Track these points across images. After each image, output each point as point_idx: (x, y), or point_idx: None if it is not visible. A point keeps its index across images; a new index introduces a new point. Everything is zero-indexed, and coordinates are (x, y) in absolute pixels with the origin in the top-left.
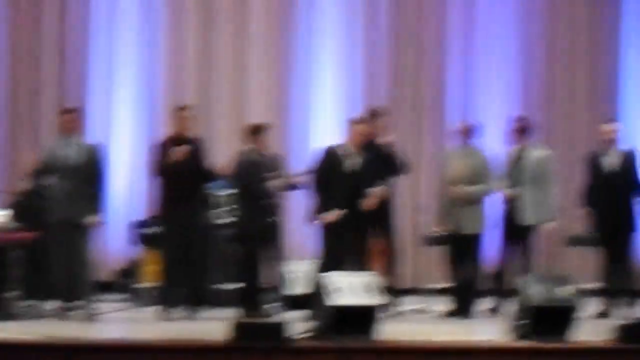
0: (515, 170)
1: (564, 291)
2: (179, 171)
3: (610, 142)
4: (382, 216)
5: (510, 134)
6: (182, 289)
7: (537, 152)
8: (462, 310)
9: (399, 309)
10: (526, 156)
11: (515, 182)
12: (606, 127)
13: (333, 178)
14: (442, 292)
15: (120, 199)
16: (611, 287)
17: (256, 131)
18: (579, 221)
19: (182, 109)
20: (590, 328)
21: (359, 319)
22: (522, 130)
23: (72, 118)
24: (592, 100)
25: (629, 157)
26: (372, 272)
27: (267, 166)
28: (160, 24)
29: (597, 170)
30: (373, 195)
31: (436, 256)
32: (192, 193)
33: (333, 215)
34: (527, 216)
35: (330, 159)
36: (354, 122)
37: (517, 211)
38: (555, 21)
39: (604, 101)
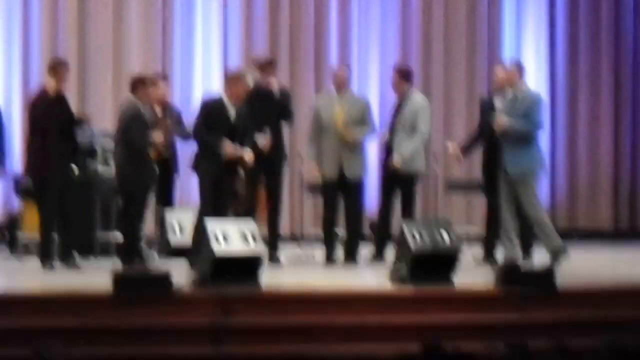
0: (395, 118)
1: (444, 236)
2: (51, 127)
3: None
4: (267, 164)
5: (393, 83)
6: (60, 240)
7: (414, 101)
8: (347, 257)
9: (281, 256)
10: (405, 104)
11: (394, 130)
12: (499, 70)
13: (216, 128)
14: (321, 239)
15: None
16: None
17: (139, 83)
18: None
19: (58, 64)
20: (471, 273)
21: (241, 267)
22: (402, 78)
23: None
24: (471, 47)
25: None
26: (254, 220)
27: (152, 120)
28: None
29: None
30: (263, 142)
31: (316, 203)
32: (64, 147)
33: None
34: (402, 164)
35: (210, 111)
36: (235, 77)
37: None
38: None
39: (483, 48)
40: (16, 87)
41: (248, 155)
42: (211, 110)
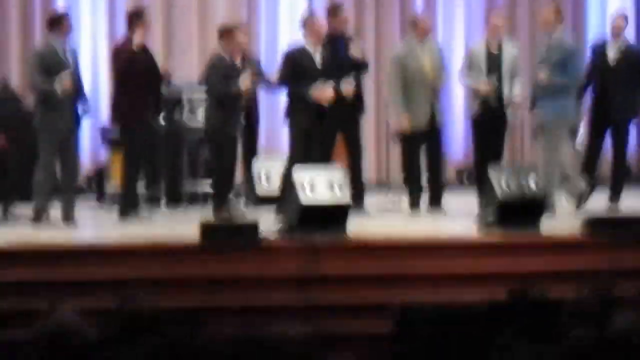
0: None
1: (532, 183)
2: (135, 77)
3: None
4: (349, 113)
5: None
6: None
7: (511, 49)
8: (433, 203)
9: (367, 204)
10: (502, 53)
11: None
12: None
13: (302, 77)
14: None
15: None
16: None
17: (225, 33)
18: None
19: (140, 15)
20: (560, 219)
21: (328, 216)
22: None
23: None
24: None
25: None
26: (340, 168)
27: (236, 69)
28: None
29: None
30: (346, 89)
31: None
32: (149, 97)
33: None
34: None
35: (295, 61)
36: (309, 19)
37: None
38: None
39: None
40: (102, 38)
41: (347, 87)
42: (296, 59)
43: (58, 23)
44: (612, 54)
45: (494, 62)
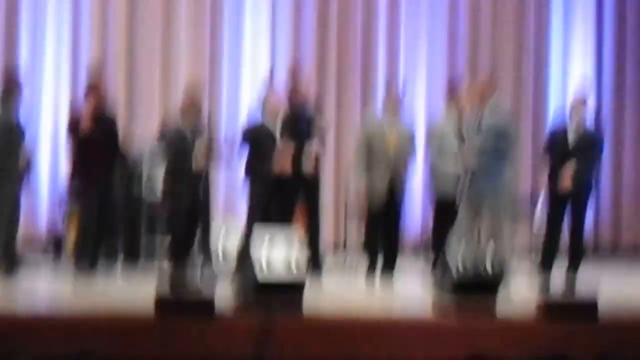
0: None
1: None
2: (94, 146)
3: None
4: (308, 178)
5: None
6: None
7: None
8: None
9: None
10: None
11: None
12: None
13: (262, 152)
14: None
15: (45, 161)
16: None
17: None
18: None
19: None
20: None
21: (285, 291)
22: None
23: None
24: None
25: None
26: (296, 229)
27: (192, 140)
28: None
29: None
30: (308, 155)
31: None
32: (107, 167)
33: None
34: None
35: (254, 139)
36: (268, 96)
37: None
38: None
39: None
40: (64, 92)
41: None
42: (257, 138)
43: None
44: (570, 136)
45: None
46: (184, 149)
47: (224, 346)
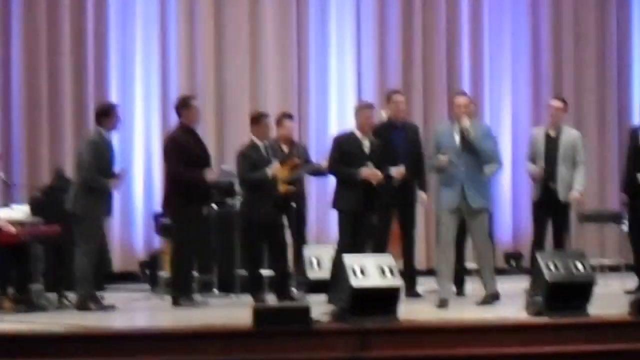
0: (552, 150)
1: (580, 267)
2: (193, 164)
3: None
4: (400, 197)
5: (555, 113)
6: (194, 277)
7: (570, 133)
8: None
9: (418, 289)
10: (560, 137)
11: (551, 162)
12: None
13: (352, 162)
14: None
15: (139, 192)
16: None
17: (255, 120)
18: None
19: (189, 98)
20: (607, 303)
21: (379, 300)
22: (564, 109)
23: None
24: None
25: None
26: (390, 254)
27: (266, 155)
28: (173, 18)
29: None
30: (396, 173)
31: None
32: (203, 187)
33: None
34: (561, 194)
35: (343, 146)
36: (361, 107)
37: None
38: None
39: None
40: (155, 125)
41: (395, 171)
42: (344, 144)
43: (107, 114)
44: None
45: (552, 147)
46: (258, 163)
47: (321, 353)
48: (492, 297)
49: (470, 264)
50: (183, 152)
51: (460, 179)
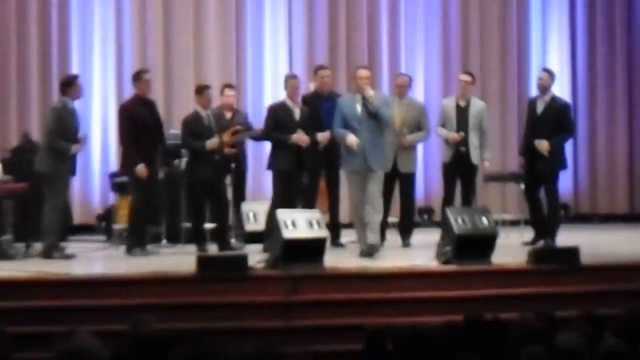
0: (462, 118)
1: (484, 221)
2: (144, 131)
3: (540, 88)
4: (327, 160)
5: (464, 86)
6: (146, 230)
7: (477, 104)
8: (403, 239)
9: (341, 241)
10: (469, 107)
11: (461, 129)
12: (541, 74)
13: (282, 128)
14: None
15: (96, 154)
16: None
17: (198, 91)
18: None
19: (142, 72)
20: (508, 253)
21: (308, 250)
22: (472, 82)
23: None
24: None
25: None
26: (317, 210)
27: (206, 127)
28: (126, 3)
29: (532, 114)
30: (322, 138)
31: None
32: (154, 148)
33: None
34: (473, 157)
35: (276, 114)
36: (288, 78)
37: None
38: None
39: (512, 56)
40: (111, 94)
41: (321, 137)
42: (277, 112)
43: (70, 85)
44: (540, 107)
45: (462, 116)
46: (200, 132)
47: (256, 296)
48: (372, 249)
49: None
50: (131, 119)
51: (362, 144)
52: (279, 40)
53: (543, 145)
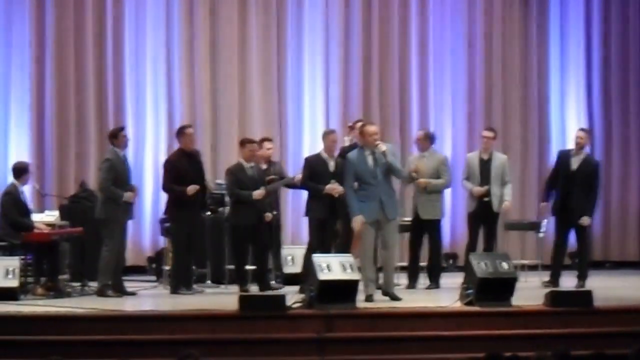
0: (485, 171)
1: (505, 265)
2: (185, 181)
3: (578, 146)
4: None
5: (488, 142)
6: (190, 271)
7: (499, 157)
8: (432, 282)
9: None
10: (492, 160)
11: (484, 181)
12: (579, 133)
13: (318, 179)
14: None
15: (148, 201)
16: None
17: (242, 144)
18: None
19: (185, 127)
20: (526, 295)
21: (341, 291)
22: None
23: None
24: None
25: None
26: (350, 254)
27: (249, 177)
28: (177, 62)
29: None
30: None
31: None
32: (196, 197)
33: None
34: (495, 206)
35: (312, 165)
36: (326, 133)
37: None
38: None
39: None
40: (162, 145)
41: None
42: (313, 164)
43: (116, 136)
44: (574, 163)
45: (485, 168)
46: (242, 181)
47: (293, 333)
48: (369, 299)
49: (422, 263)
50: (173, 171)
51: (378, 195)
52: (316, 97)
53: (585, 221)
